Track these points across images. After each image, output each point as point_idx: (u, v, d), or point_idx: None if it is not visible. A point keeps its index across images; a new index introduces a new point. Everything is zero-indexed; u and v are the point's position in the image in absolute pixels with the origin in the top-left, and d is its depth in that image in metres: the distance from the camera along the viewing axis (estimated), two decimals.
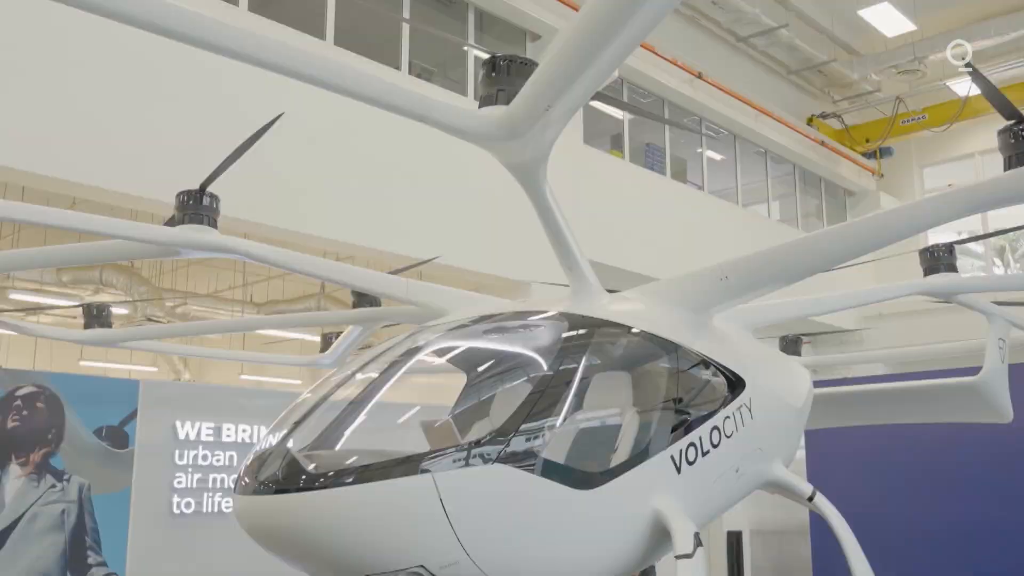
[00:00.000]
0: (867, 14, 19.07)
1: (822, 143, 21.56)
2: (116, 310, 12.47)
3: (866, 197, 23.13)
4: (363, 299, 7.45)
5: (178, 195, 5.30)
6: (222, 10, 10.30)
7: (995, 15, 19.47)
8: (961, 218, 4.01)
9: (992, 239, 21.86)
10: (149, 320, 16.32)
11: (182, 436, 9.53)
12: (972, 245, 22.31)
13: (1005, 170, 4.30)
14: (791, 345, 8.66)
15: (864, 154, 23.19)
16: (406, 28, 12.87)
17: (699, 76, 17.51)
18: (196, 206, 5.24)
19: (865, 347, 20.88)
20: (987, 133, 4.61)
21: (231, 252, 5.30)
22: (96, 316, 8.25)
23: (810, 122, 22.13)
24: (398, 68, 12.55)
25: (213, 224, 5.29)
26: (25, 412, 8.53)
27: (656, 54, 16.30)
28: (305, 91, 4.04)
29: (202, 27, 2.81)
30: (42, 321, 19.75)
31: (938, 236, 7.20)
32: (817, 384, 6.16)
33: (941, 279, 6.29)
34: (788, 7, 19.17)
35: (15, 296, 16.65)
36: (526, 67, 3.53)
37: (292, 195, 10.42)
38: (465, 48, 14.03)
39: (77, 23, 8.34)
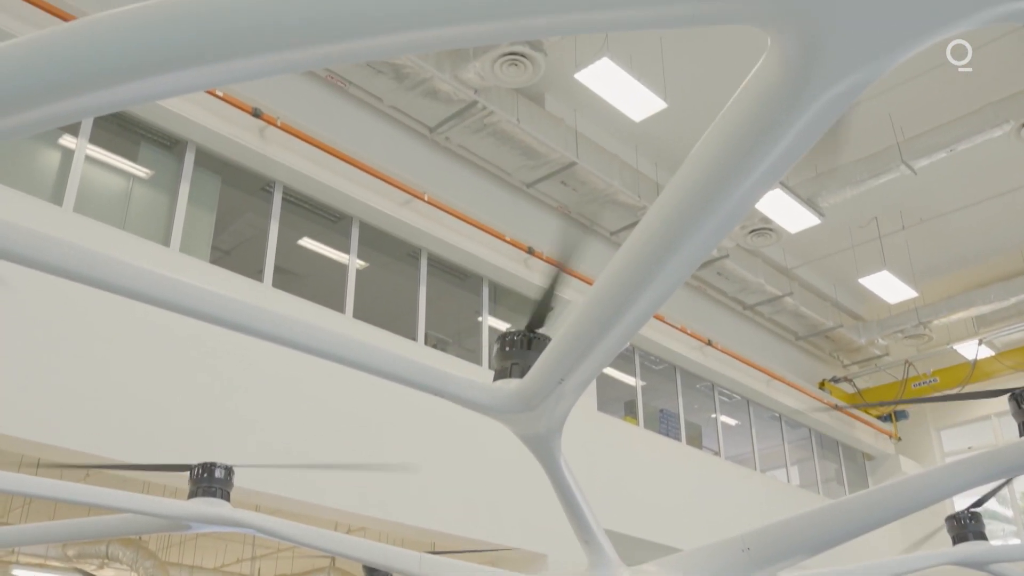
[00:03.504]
0: (868, 282, 19.62)
1: (836, 407, 21.54)
2: None
3: (886, 461, 22.77)
4: (374, 574, 7.25)
5: (192, 468, 5.30)
6: (247, 286, 10.76)
7: (993, 281, 20.04)
8: (985, 484, 3.96)
9: (1022, 502, 21.29)
10: None
11: None
12: (1000, 508, 21.71)
13: (1020, 435, 4.29)
14: None
15: (879, 417, 23.11)
16: (423, 300, 13.33)
17: (709, 343, 17.84)
18: (209, 479, 5.22)
19: None
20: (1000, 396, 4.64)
21: (242, 526, 5.21)
22: None
23: (822, 386, 22.24)
24: (414, 339, 12.88)
25: (226, 497, 5.24)
26: None
27: (665, 323, 16.70)
28: (314, 363, 4.13)
29: (215, 305, 2.89)
30: None
31: (964, 499, 7.03)
32: None
33: (972, 548, 6.08)
34: (791, 276, 19.81)
35: (17, 572, 16.18)
36: (539, 341, 3.63)
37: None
38: (479, 319, 14.46)
39: (92, 301, 8.68)
